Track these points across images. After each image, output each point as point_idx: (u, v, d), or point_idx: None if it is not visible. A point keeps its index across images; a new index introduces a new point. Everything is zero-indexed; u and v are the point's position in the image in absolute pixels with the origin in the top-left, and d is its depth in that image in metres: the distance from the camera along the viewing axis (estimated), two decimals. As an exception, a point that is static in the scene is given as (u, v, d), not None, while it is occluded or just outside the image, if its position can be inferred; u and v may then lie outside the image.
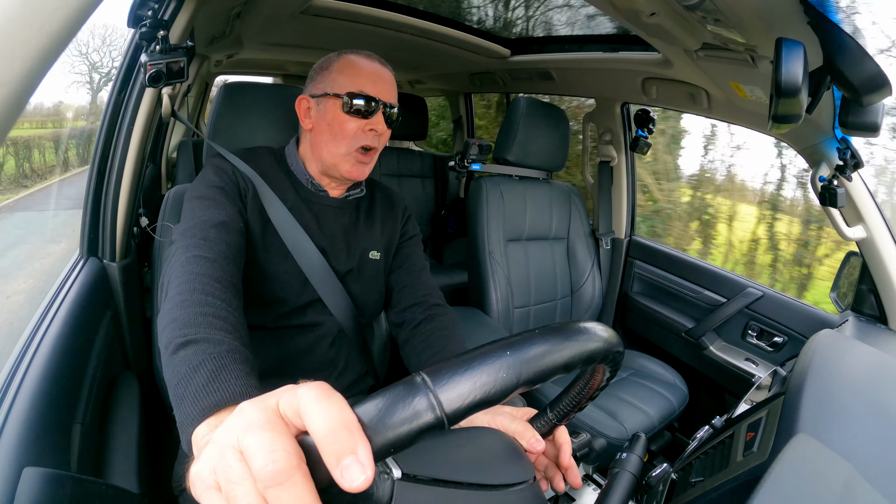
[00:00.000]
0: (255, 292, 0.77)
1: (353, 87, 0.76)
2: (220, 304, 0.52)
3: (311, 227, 0.81)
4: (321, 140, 0.79)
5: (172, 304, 0.51)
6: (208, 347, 0.45)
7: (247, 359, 0.46)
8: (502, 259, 1.55)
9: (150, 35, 0.73)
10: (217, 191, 0.73)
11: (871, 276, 1.20)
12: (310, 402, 0.25)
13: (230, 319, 0.51)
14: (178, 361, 0.44)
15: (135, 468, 0.75)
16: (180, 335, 0.46)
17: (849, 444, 0.55)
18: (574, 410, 0.47)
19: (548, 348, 0.32)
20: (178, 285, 0.54)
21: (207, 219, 0.66)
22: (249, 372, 0.44)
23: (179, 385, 0.42)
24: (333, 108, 0.76)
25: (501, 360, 0.30)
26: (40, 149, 2.74)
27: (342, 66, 0.78)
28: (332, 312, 0.83)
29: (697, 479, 0.64)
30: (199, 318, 0.48)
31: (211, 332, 0.47)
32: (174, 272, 0.56)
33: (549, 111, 1.63)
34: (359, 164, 0.79)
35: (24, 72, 0.30)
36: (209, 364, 0.43)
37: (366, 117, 0.76)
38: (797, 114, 0.71)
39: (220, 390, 0.40)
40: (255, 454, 0.24)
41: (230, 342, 0.47)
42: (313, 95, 0.79)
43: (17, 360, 0.61)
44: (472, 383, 0.29)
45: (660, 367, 1.55)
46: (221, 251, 0.62)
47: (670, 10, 0.93)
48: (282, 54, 2.32)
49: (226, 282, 0.57)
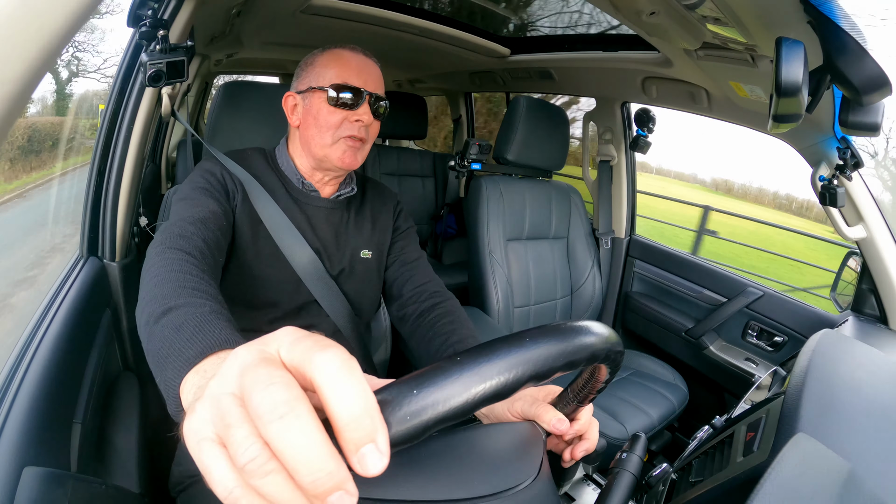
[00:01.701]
0: (248, 296, 0.77)
1: (338, 78, 0.76)
2: (198, 280, 0.50)
3: (303, 228, 0.81)
4: (309, 134, 0.78)
5: (149, 287, 0.49)
6: (191, 310, 0.42)
7: (231, 319, 0.43)
8: (502, 258, 1.55)
9: (150, 34, 0.73)
10: (199, 191, 0.72)
11: (871, 276, 1.20)
12: (331, 376, 0.22)
13: (210, 291, 0.48)
14: (159, 328, 0.41)
15: (135, 468, 0.75)
16: (160, 306, 0.44)
17: (849, 444, 0.55)
18: (596, 390, 0.47)
19: (563, 345, 0.33)
20: (155, 271, 0.51)
21: (186, 216, 0.65)
22: (236, 329, 0.41)
23: (162, 347, 0.38)
24: (318, 101, 0.76)
25: (517, 355, 0.31)
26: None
27: (326, 60, 0.78)
28: (328, 314, 0.82)
29: (697, 478, 0.64)
30: (179, 290, 0.46)
31: (192, 299, 0.45)
32: (149, 263, 0.54)
33: (548, 111, 1.63)
34: (350, 150, 0.77)
35: (24, 72, 0.30)
36: (193, 321, 0.40)
37: (351, 108, 0.76)
38: (797, 113, 0.71)
39: (207, 338, 0.37)
40: (252, 389, 0.22)
41: (212, 304, 0.44)
42: (299, 91, 0.79)
43: (17, 359, 0.61)
44: (481, 377, 0.29)
45: (660, 366, 1.55)
46: (198, 246, 0.60)
47: (670, 9, 0.93)
48: (281, 53, 2.32)
49: (204, 269, 0.55)
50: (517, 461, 0.42)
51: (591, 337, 0.36)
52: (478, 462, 0.40)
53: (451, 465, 0.39)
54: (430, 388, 0.27)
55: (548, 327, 0.35)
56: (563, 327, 0.35)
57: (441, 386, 0.28)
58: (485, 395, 0.29)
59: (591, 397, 0.48)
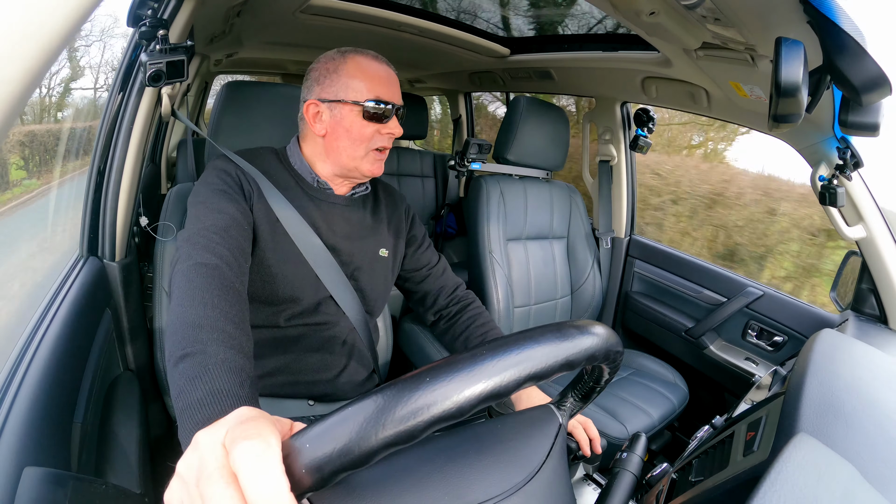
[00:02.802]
0: (267, 292, 0.77)
1: (371, 93, 0.77)
2: (216, 315, 0.54)
3: (319, 225, 0.82)
4: (339, 146, 0.79)
5: (173, 317, 0.54)
6: (204, 359, 0.48)
7: (240, 367, 0.49)
8: (502, 258, 1.55)
9: (150, 34, 0.73)
10: (220, 194, 0.72)
11: (871, 276, 1.20)
12: (245, 468, 0.27)
13: (227, 329, 0.53)
14: (178, 374, 0.48)
15: (135, 468, 0.75)
16: (179, 349, 0.49)
17: (849, 444, 0.55)
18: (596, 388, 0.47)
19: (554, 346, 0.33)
20: (179, 297, 0.56)
21: (210, 224, 0.66)
22: (243, 381, 0.48)
23: (179, 398, 0.46)
24: (351, 115, 0.77)
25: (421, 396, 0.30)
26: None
27: (353, 70, 0.77)
28: (343, 311, 0.84)
29: (698, 478, 0.64)
30: (195, 333, 0.51)
31: (206, 346, 0.50)
32: (176, 281, 0.59)
33: (548, 110, 1.63)
34: (377, 162, 0.82)
35: (24, 72, 0.30)
36: (204, 377, 0.46)
37: (382, 121, 0.78)
38: (797, 113, 0.71)
39: (212, 404, 0.44)
40: (200, 482, 0.28)
41: (224, 352, 0.49)
42: (323, 100, 0.78)
43: (17, 359, 0.61)
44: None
45: (660, 366, 1.55)
46: (224, 257, 0.62)
47: (670, 9, 0.93)
48: (281, 53, 2.31)
49: (226, 289, 0.58)
50: (525, 452, 0.42)
51: (595, 336, 0.36)
52: (483, 460, 0.40)
53: (449, 470, 0.39)
54: (343, 431, 0.28)
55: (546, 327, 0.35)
56: (567, 326, 0.35)
57: (351, 426, 0.28)
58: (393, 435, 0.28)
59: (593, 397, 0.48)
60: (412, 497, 0.36)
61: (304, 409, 0.85)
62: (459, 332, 0.95)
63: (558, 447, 0.44)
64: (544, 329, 0.35)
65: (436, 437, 0.41)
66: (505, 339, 0.34)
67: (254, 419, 0.31)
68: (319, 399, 0.86)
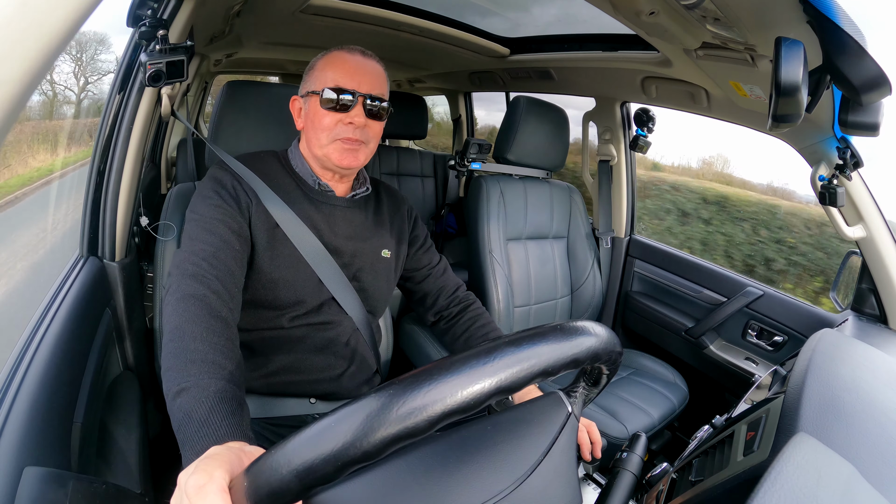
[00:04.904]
0: (269, 297, 0.78)
1: (331, 82, 0.77)
2: (205, 348, 0.58)
3: (321, 227, 0.82)
4: (309, 136, 0.81)
5: (167, 352, 0.58)
6: (198, 393, 0.53)
7: (230, 396, 0.54)
8: (502, 258, 1.55)
9: (150, 34, 0.73)
10: (213, 210, 0.73)
11: (871, 276, 1.20)
12: (189, 499, 0.34)
13: (217, 360, 0.57)
14: (176, 408, 0.53)
15: (135, 467, 0.75)
16: (175, 384, 0.54)
17: (849, 444, 0.55)
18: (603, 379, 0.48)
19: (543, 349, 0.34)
20: (171, 331, 0.60)
21: (199, 249, 0.68)
22: (234, 410, 0.53)
23: (179, 430, 0.51)
24: (314, 105, 0.78)
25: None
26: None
27: (324, 63, 0.79)
28: (346, 311, 0.84)
29: (698, 478, 0.64)
30: (189, 365, 0.56)
31: (199, 378, 0.54)
32: (167, 313, 0.62)
33: (548, 110, 1.63)
34: (346, 151, 0.79)
35: (24, 72, 0.30)
36: (198, 409, 0.51)
37: (343, 111, 0.77)
38: (797, 113, 0.71)
39: (207, 437, 0.49)
40: None
41: (215, 384, 0.54)
42: (302, 95, 0.82)
43: (16, 359, 0.61)
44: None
45: (660, 366, 1.55)
46: (211, 285, 0.65)
47: (669, 9, 0.93)
48: (281, 53, 2.32)
49: (214, 318, 0.62)
50: (528, 445, 0.42)
51: (590, 336, 0.36)
52: (484, 459, 0.40)
53: (453, 468, 0.39)
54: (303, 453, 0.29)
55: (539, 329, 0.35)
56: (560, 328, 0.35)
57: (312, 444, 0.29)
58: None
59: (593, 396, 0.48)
60: (420, 490, 0.37)
61: (306, 407, 0.86)
62: (460, 332, 0.96)
63: (567, 437, 0.44)
64: (545, 328, 0.35)
65: (438, 437, 0.41)
66: (509, 336, 0.34)
67: (210, 457, 0.37)
68: (322, 397, 0.87)
